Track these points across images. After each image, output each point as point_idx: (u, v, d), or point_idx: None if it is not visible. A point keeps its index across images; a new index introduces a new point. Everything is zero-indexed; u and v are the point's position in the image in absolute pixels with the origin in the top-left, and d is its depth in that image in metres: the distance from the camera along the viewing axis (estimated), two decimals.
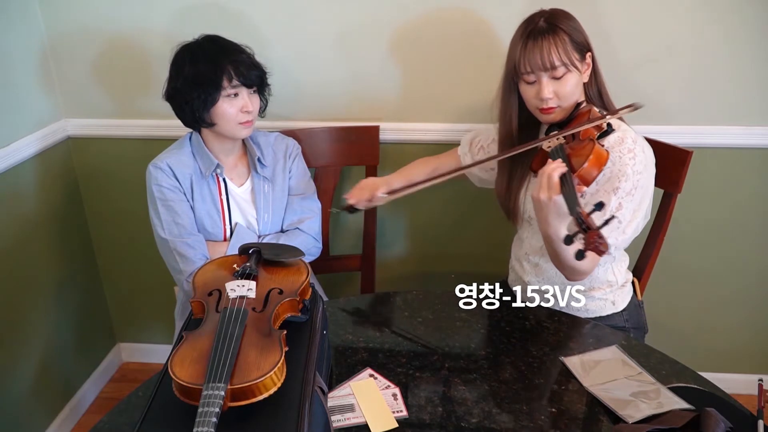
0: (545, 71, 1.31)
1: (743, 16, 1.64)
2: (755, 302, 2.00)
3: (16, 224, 1.82)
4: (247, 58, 1.47)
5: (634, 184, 1.31)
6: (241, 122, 1.47)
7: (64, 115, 1.98)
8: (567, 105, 1.35)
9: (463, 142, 1.65)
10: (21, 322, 1.86)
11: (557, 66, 1.30)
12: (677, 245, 1.84)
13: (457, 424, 1.06)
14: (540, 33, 1.31)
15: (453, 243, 2.03)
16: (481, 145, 1.60)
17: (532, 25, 1.33)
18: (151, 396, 0.91)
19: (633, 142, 1.33)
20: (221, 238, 1.56)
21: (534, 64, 1.31)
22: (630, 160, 1.31)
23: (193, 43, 1.47)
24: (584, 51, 1.35)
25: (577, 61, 1.33)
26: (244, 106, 1.46)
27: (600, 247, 1.08)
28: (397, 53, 1.79)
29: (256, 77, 1.47)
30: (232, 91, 1.44)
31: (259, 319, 0.97)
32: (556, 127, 1.36)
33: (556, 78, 1.32)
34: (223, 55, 1.44)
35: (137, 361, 2.37)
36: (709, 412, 1.00)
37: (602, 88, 1.42)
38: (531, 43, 1.31)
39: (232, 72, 1.43)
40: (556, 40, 1.30)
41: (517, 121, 1.44)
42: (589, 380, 1.14)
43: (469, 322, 1.33)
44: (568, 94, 1.34)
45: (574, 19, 1.35)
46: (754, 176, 1.82)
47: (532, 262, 1.52)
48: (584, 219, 1.11)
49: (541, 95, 1.33)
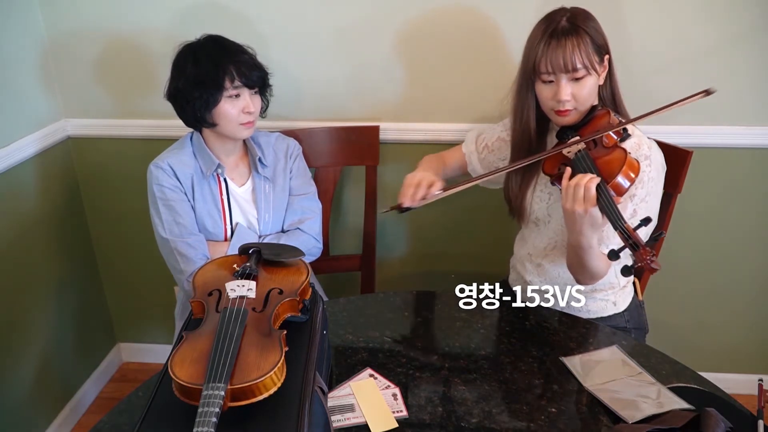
0: (566, 72, 1.28)
1: (743, 16, 1.64)
2: (755, 302, 2.00)
3: (16, 224, 1.82)
4: (249, 59, 1.47)
5: (648, 191, 1.31)
6: (243, 123, 1.47)
7: (64, 115, 1.98)
8: (583, 108, 1.33)
9: (468, 140, 1.62)
10: (21, 322, 1.86)
11: (579, 68, 1.28)
12: (677, 245, 1.84)
13: (457, 424, 1.05)
14: (563, 33, 1.27)
15: (453, 243, 2.03)
16: (486, 143, 1.58)
17: (554, 24, 1.29)
18: (151, 396, 0.90)
19: (648, 148, 1.32)
20: (222, 238, 1.56)
21: (556, 64, 1.28)
22: (647, 167, 1.30)
23: (195, 43, 1.47)
24: (603, 53, 1.32)
25: (597, 64, 1.30)
26: (246, 107, 1.45)
27: (652, 264, 1.08)
28: (398, 53, 1.79)
29: (258, 78, 1.47)
30: (234, 92, 1.44)
31: (259, 319, 0.97)
32: (569, 130, 1.35)
33: (575, 80, 1.29)
34: (226, 55, 1.44)
35: (137, 361, 2.37)
36: (709, 412, 1.00)
37: (616, 90, 1.39)
38: (554, 43, 1.27)
39: (234, 73, 1.42)
40: (579, 42, 1.27)
41: (535, 124, 1.40)
42: (589, 380, 1.14)
43: (469, 322, 1.33)
44: (586, 97, 1.31)
45: (595, 20, 1.32)
46: (754, 176, 1.82)
47: (534, 263, 1.51)
48: (631, 234, 1.11)
49: (558, 96, 1.30)
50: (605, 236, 1.34)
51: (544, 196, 1.45)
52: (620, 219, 1.15)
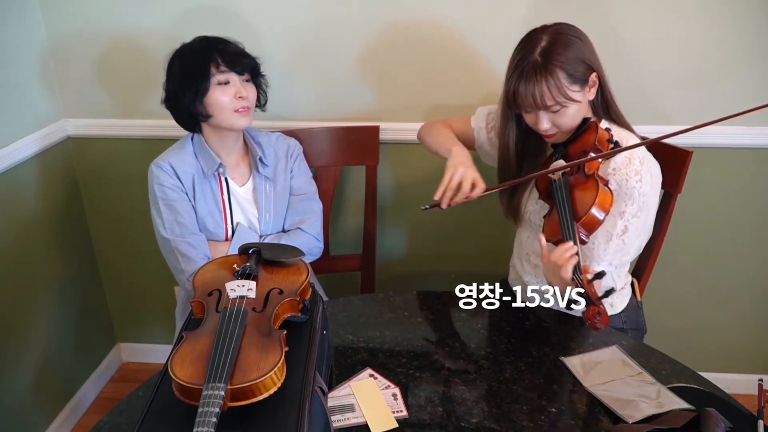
0: (539, 109, 1.28)
1: (743, 16, 1.64)
2: (755, 302, 2.00)
3: (16, 224, 1.82)
4: (234, 47, 1.48)
5: (640, 206, 1.30)
6: (237, 110, 1.46)
7: (64, 115, 1.98)
8: (568, 130, 1.33)
9: (479, 116, 1.58)
10: (21, 322, 1.86)
11: (550, 105, 1.26)
12: (677, 245, 1.84)
13: (457, 424, 1.06)
14: (533, 71, 1.23)
15: (453, 243, 2.03)
16: (494, 125, 1.54)
17: (527, 58, 1.24)
18: (151, 396, 0.90)
19: (640, 162, 1.29)
20: (223, 237, 1.56)
21: (527, 104, 1.26)
22: (636, 183, 1.28)
23: (184, 45, 1.49)
24: (586, 77, 1.28)
25: (575, 93, 1.26)
26: (237, 92, 1.45)
27: (597, 324, 1.10)
28: (398, 53, 1.79)
29: (245, 64, 1.47)
30: (222, 78, 1.44)
31: (259, 319, 0.97)
32: (561, 145, 1.36)
33: (552, 112, 1.28)
34: (209, 46, 1.45)
35: (137, 361, 2.37)
36: (709, 412, 1.00)
37: (610, 101, 1.37)
38: (524, 80, 1.24)
39: (219, 59, 1.43)
40: (548, 80, 1.23)
41: (515, 149, 1.41)
42: (589, 380, 1.14)
43: (469, 322, 1.33)
44: (568, 124, 1.31)
45: (575, 43, 1.26)
46: (754, 176, 1.82)
47: (532, 263, 1.51)
48: (585, 286, 1.12)
49: (537, 127, 1.31)
50: (595, 254, 1.34)
51: (538, 198, 1.45)
52: (578, 272, 1.16)
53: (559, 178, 1.31)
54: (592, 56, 1.30)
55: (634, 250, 1.35)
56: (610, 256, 1.33)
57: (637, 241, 1.34)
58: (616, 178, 1.29)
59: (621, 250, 1.32)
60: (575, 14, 1.40)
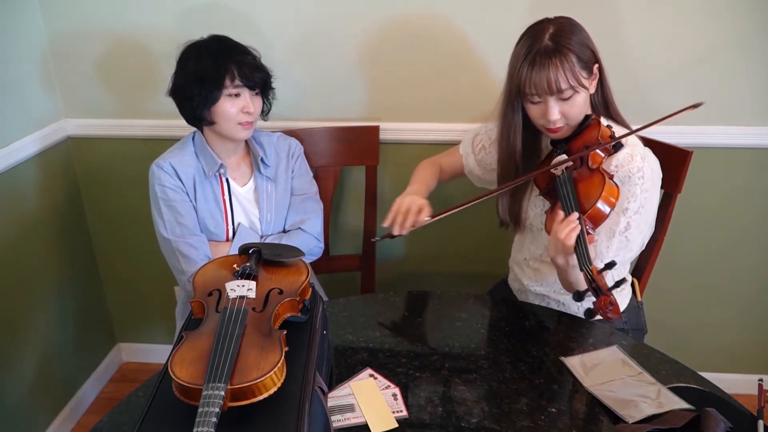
0: (552, 95, 1.26)
1: (742, 17, 1.64)
2: (755, 302, 2.00)
3: (16, 224, 1.82)
4: (252, 60, 1.47)
5: (642, 203, 1.30)
6: (241, 123, 1.47)
7: (64, 115, 1.98)
8: (575, 122, 1.32)
9: (465, 142, 1.61)
10: (21, 322, 1.86)
11: (564, 89, 1.24)
12: (677, 245, 1.84)
13: (457, 424, 1.05)
14: (546, 55, 1.23)
15: (453, 243, 2.03)
16: (483, 144, 1.56)
17: (538, 44, 1.24)
18: (151, 396, 0.90)
19: (642, 159, 1.29)
20: (224, 238, 1.56)
21: (540, 88, 1.24)
22: (639, 180, 1.28)
23: (200, 41, 1.47)
24: (592, 65, 1.29)
25: (585, 80, 1.27)
26: (245, 107, 1.45)
27: (609, 314, 1.09)
28: (398, 53, 1.79)
29: (260, 79, 1.47)
30: (234, 91, 1.44)
31: (259, 319, 0.97)
32: (561, 141, 1.35)
33: (563, 99, 1.27)
34: (228, 54, 1.44)
35: (137, 361, 2.37)
36: (709, 412, 1.00)
37: (608, 96, 1.37)
38: (537, 66, 1.23)
39: (235, 72, 1.43)
40: (563, 63, 1.22)
41: (521, 144, 1.38)
42: (589, 380, 1.14)
43: (469, 322, 1.33)
44: (577, 114, 1.30)
45: (580, 31, 1.28)
46: (754, 176, 1.82)
47: (532, 267, 1.51)
48: (594, 277, 1.11)
49: (547, 117, 1.28)
50: (598, 251, 1.34)
51: (538, 203, 1.45)
52: (587, 262, 1.15)
53: (562, 173, 1.30)
54: (593, 46, 1.31)
55: (636, 247, 1.35)
56: (613, 253, 1.32)
57: (640, 237, 1.34)
58: (618, 175, 1.29)
59: (624, 247, 1.33)
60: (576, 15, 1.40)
